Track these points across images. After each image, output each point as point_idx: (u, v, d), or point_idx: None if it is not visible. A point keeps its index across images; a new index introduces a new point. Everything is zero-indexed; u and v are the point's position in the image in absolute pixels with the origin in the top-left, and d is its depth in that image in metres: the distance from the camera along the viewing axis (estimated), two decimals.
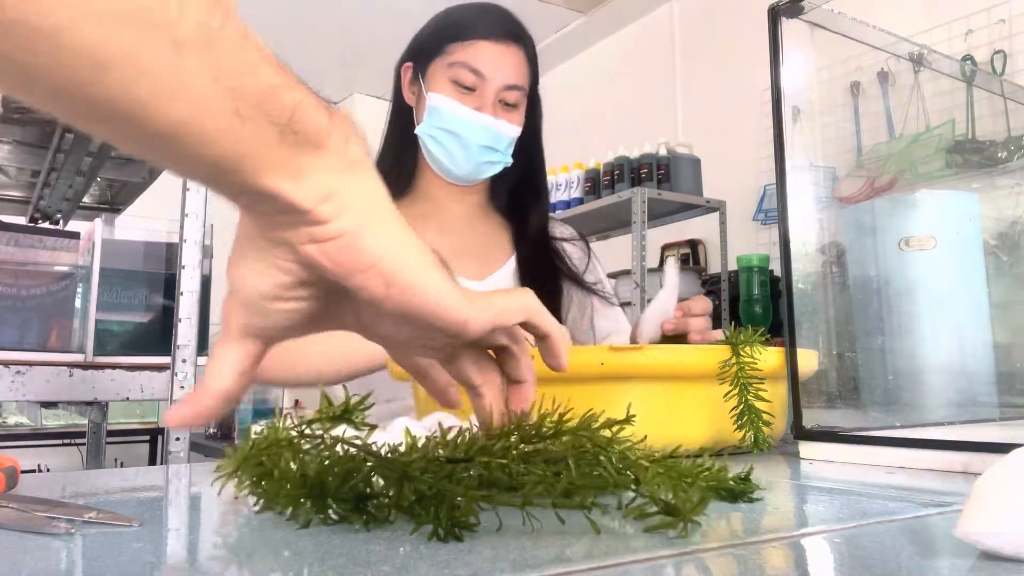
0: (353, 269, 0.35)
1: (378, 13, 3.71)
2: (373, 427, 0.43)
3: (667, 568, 0.32)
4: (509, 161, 1.11)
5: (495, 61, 1.07)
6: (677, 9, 3.46)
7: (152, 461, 3.45)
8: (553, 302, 1.14)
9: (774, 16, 0.74)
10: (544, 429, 0.40)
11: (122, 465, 3.13)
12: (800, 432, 0.70)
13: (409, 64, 1.14)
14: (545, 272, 1.16)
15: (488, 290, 0.42)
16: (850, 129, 2.33)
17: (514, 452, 0.39)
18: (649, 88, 3.45)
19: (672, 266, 0.87)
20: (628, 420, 0.41)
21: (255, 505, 0.42)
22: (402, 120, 1.14)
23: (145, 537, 0.37)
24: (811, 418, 0.70)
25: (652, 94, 3.44)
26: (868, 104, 2.34)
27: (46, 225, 2.00)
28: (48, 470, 2.97)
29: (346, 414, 0.42)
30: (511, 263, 1.16)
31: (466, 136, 1.06)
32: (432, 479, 0.37)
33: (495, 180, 1.16)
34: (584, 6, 3.59)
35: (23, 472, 0.50)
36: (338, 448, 0.40)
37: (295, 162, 0.34)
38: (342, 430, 0.41)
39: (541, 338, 0.44)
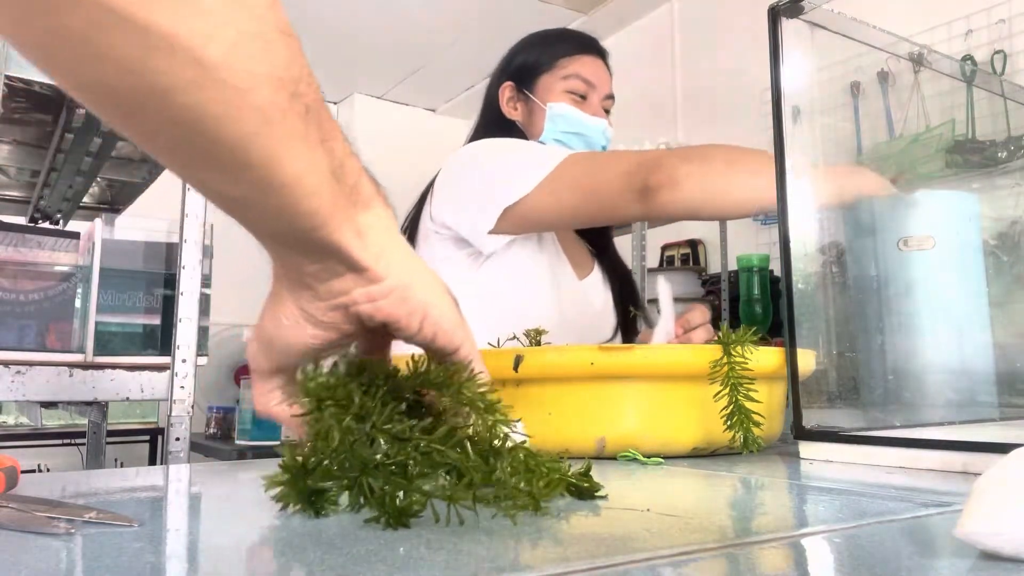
0: (401, 317, 0.41)
1: (378, 13, 3.71)
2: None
3: (667, 568, 0.32)
4: None
5: (599, 73, 1.23)
6: (677, 9, 3.46)
7: (152, 461, 3.45)
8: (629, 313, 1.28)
9: (774, 16, 0.74)
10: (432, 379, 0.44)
11: (122, 465, 3.13)
12: (800, 432, 0.69)
13: (508, 83, 1.25)
14: (624, 282, 1.31)
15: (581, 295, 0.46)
16: (850, 129, 2.33)
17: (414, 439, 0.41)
18: (649, 88, 3.45)
19: (665, 289, 0.86)
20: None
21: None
22: (503, 135, 1.22)
23: (145, 537, 0.37)
24: (811, 418, 0.69)
25: (652, 94, 3.44)
26: (868, 104, 2.34)
27: (46, 225, 2.00)
28: (48, 470, 2.97)
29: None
30: (597, 269, 1.28)
31: (589, 136, 1.20)
32: (382, 476, 0.40)
33: None
34: (584, 6, 3.59)
35: (23, 472, 0.50)
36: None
37: (357, 221, 0.39)
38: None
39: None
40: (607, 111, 1.25)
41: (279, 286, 0.42)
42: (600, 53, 1.26)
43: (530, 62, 1.24)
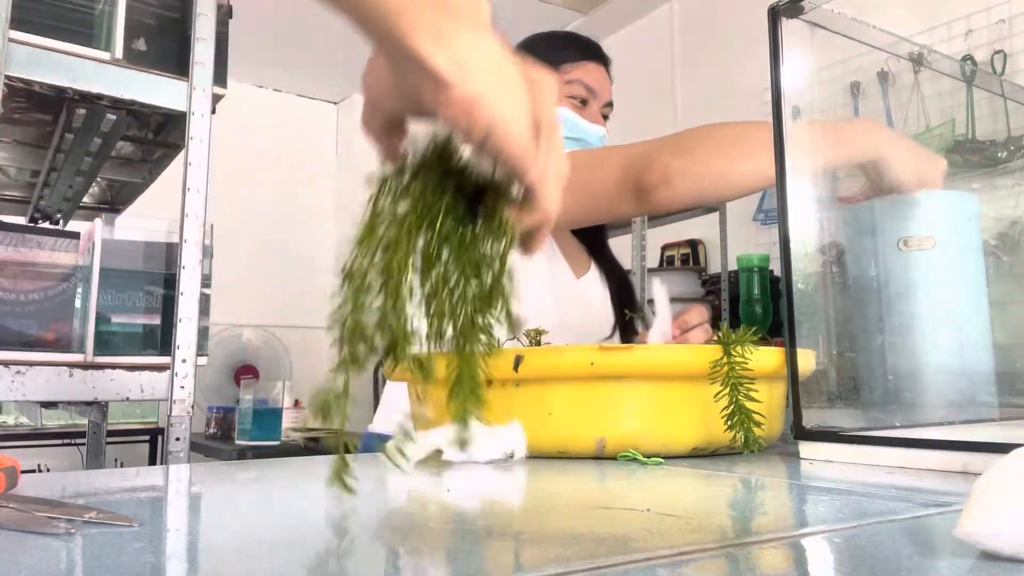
0: (463, 127, 0.40)
1: None
2: None
3: (666, 568, 0.32)
4: None
5: (601, 81, 1.23)
6: (677, 9, 3.46)
7: (152, 461, 3.45)
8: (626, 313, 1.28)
9: (774, 16, 0.74)
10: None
11: (122, 465, 3.13)
12: (800, 432, 0.69)
13: None
14: (621, 282, 1.31)
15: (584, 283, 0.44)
16: None
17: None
18: (649, 88, 3.45)
19: (661, 291, 0.85)
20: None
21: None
22: None
23: (145, 537, 0.37)
24: (811, 418, 0.69)
25: (652, 94, 3.44)
26: (868, 104, 2.34)
27: (46, 225, 2.00)
28: (48, 470, 2.97)
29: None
30: (594, 267, 1.28)
31: (588, 142, 1.20)
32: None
33: None
34: (584, 6, 3.59)
35: (23, 472, 0.50)
36: None
37: (437, 25, 0.37)
38: None
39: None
40: (605, 118, 1.25)
41: (378, 49, 0.43)
42: (603, 60, 1.26)
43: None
